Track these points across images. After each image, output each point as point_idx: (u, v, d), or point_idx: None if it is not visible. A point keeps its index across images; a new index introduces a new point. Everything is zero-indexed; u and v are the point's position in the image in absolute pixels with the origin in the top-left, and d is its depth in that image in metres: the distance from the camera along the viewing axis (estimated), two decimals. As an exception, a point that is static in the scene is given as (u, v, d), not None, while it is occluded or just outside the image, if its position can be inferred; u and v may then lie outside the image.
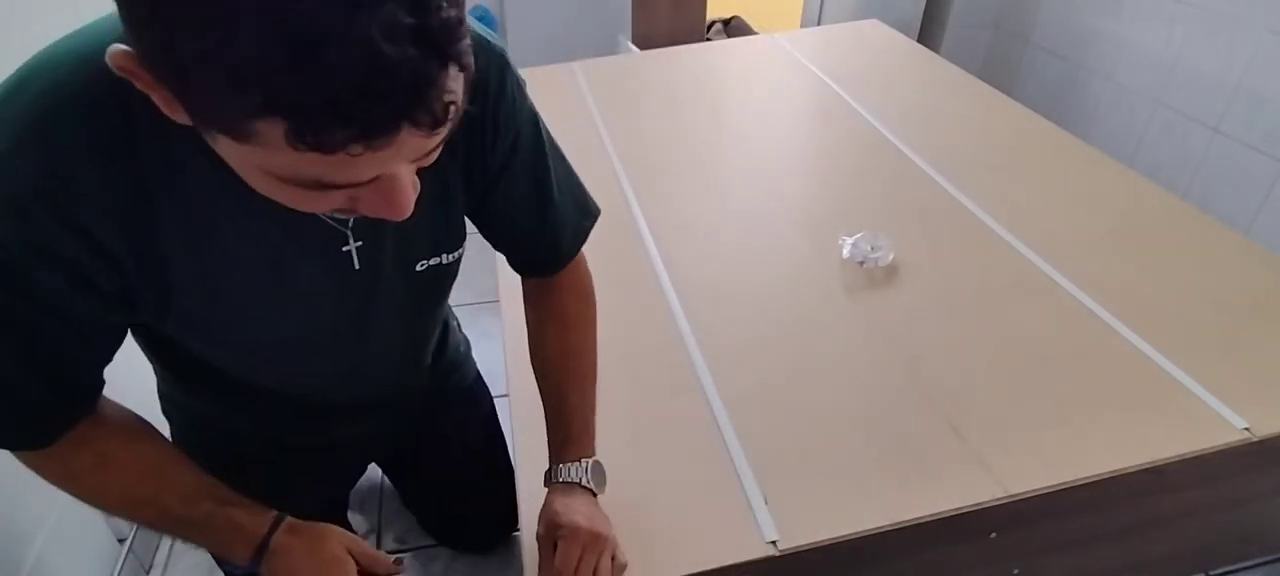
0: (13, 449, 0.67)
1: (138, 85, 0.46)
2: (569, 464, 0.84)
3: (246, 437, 0.94)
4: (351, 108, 0.41)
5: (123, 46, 0.45)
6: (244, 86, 0.40)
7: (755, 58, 2.16)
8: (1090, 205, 1.40)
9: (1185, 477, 0.95)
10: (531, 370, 0.92)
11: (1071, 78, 2.56)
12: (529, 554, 0.83)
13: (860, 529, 0.85)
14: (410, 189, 0.52)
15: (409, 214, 0.53)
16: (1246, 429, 0.94)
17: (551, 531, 0.78)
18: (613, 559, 0.78)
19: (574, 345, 0.90)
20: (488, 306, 1.96)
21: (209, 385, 0.81)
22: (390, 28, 0.40)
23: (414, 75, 0.42)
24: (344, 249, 0.72)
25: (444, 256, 0.81)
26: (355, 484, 1.32)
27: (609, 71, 2.06)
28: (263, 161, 0.46)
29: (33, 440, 0.67)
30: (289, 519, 0.75)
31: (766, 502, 0.88)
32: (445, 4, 0.43)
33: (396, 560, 0.80)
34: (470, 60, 0.47)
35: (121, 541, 1.39)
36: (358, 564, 0.76)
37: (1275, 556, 1.28)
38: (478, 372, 1.28)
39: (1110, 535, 1.00)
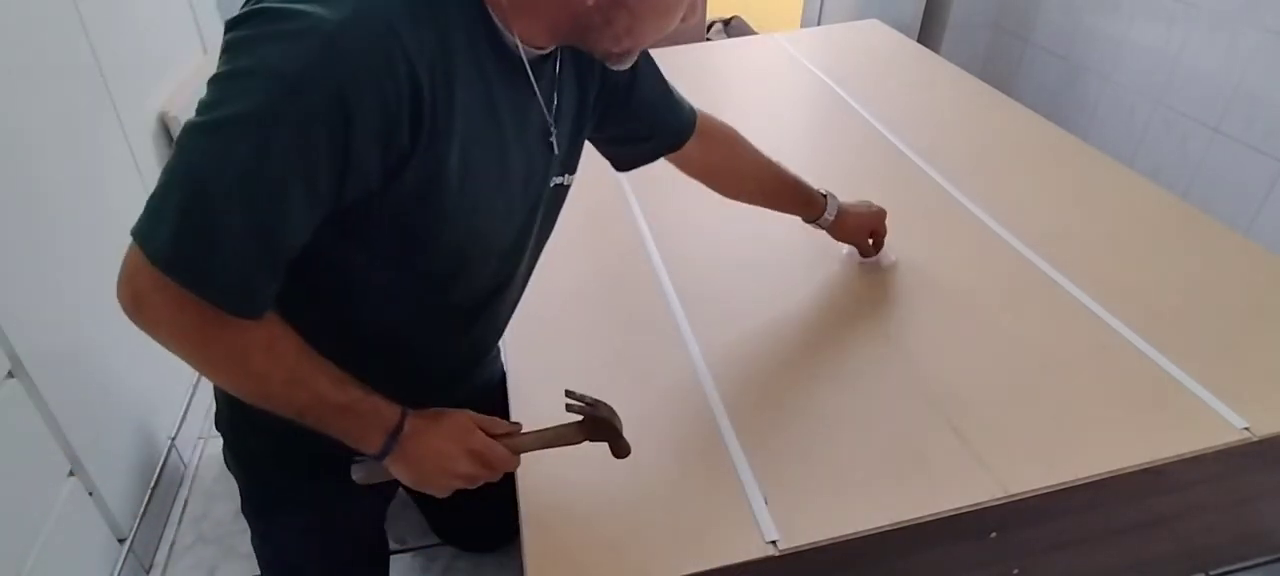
0: (234, 309, 0.65)
1: None
2: (829, 200, 1.17)
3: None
4: None
5: None
6: None
7: (755, 58, 2.16)
8: (1090, 205, 1.40)
9: (1185, 477, 0.95)
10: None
11: (1071, 78, 2.56)
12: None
13: (860, 529, 0.85)
14: None
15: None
16: (1246, 429, 0.94)
17: (868, 228, 1.22)
18: None
19: (745, 148, 1.14)
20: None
21: (336, 328, 0.79)
22: None
23: None
24: (548, 138, 0.81)
25: (567, 177, 0.90)
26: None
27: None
28: None
29: (253, 305, 0.67)
30: (412, 411, 0.79)
31: (766, 502, 0.88)
32: None
33: (514, 423, 0.84)
34: None
35: (121, 541, 1.39)
36: (482, 429, 0.80)
37: (1275, 556, 1.28)
38: (502, 374, 1.28)
39: (1110, 535, 1.00)
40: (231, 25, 0.62)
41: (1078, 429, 0.96)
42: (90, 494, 1.32)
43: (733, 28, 3.03)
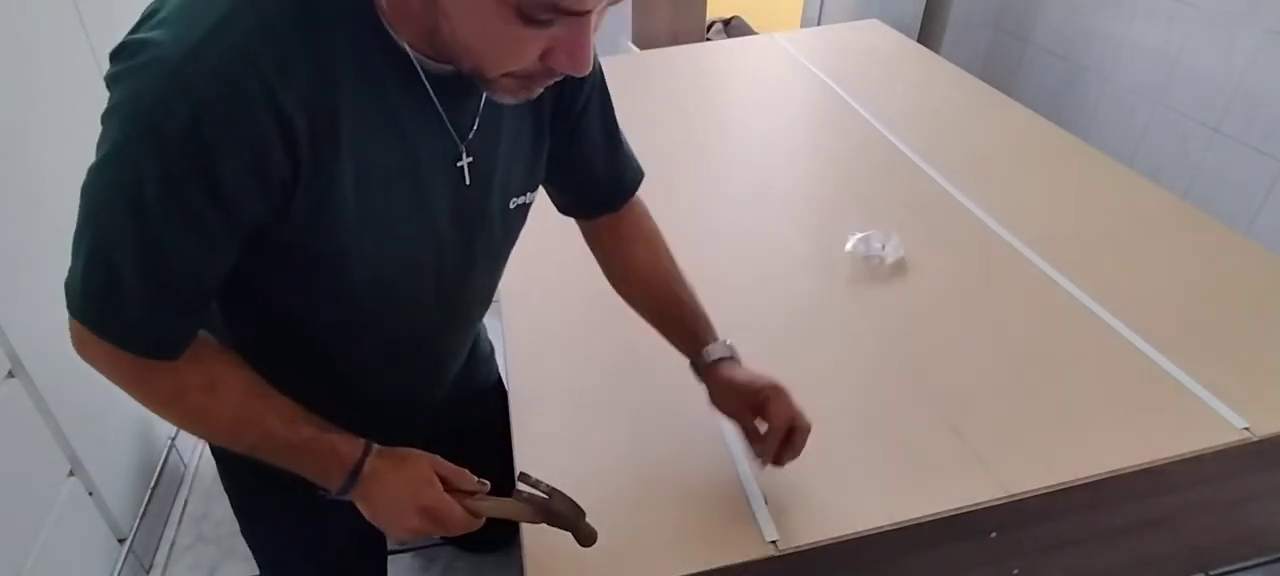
0: (143, 353, 0.65)
1: None
2: (712, 343, 0.90)
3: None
4: None
5: None
6: None
7: (755, 58, 2.16)
8: (1090, 205, 1.40)
9: (1185, 477, 0.95)
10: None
11: (1071, 78, 2.56)
12: (532, 544, 0.83)
13: (860, 529, 0.85)
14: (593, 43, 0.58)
15: (589, 70, 0.59)
16: (1246, 429, 0.94)
17: (748, 397, 0.85)
18: None
19: (662, 252, 0.97)
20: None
21: (280, 347, 0.78)
22: None
23: None
24: (458, 164, 0.73)
25: (528, 195, 0.84)
26: None
27: (609, 71, 2.04)
28: None
29: (164, 348, 0.66)
30: (376, 445, 0.76)
31: (766, 502, 0.88)
32: None
33: (480, 482, 0.80)
34: None
35: (121, 541, 1.39)
36: (445, 482, 0.77)
37: (1275, 556, 1.28)
38: (500, 377, 1.27)
39: (1110, 535, 1.00)
40: (111, 61, 0.60)
41: (1078, 429, 0.96)
42: (90, 494, 1.32)
43: (733, 28, 3.03)
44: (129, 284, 0.62)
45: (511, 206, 0.82)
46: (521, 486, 0.78)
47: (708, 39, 2.80)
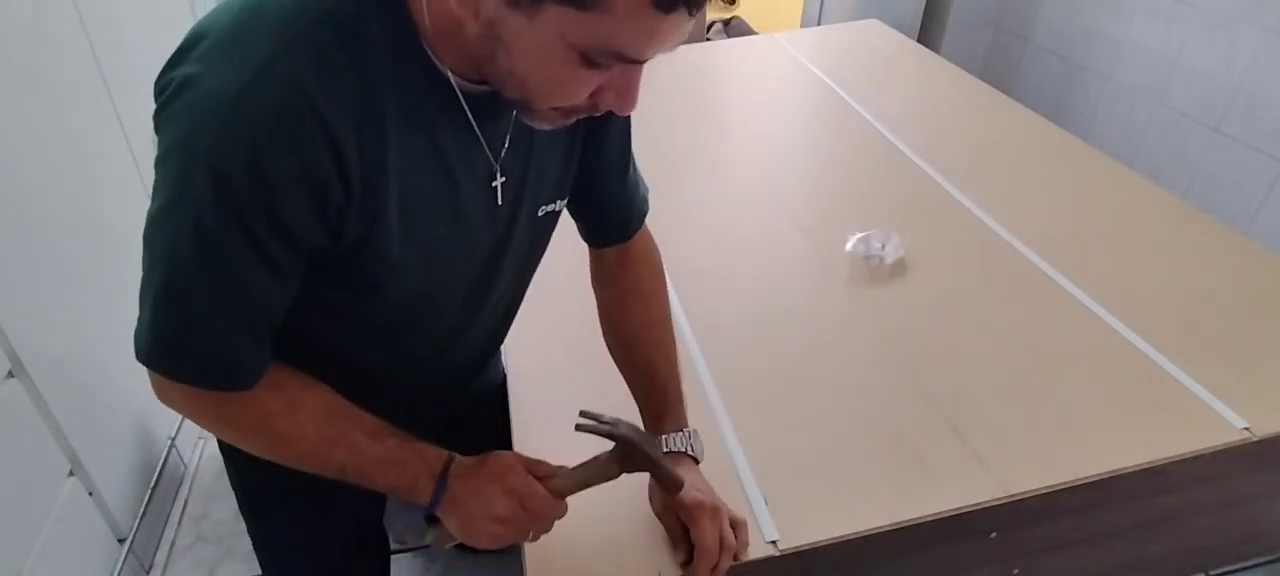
0: (221, 388, 0.66)
1: None
2: (672, 434, 0.85)
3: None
4: None
5: None
6: None
7: (755, 58, 2.16)
8: (1090, 205, 1.40)
9: (1185, 477, 0.95)
10: (605, 345, 0.93)
11: (1071, 78, 2.56)
12: (530, 563, 0.83)
13: (860, 529, 0.85)
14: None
15: (634, 109, 0.62)
16: (1246, 429, 0.94)
17: (679, 507, 0.81)
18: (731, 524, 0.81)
19: (656, 317, 0.92)
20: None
21: (304, 356, 0.77)
22: None
23: None
24: (492, 184, 0.74)
25: (557, 203, 0.84)
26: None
27: (609, 71, 2.05)
28: (578, 29, 0.53)
29: (241, 379, 0.67)
30: (457, 455, 0.76)
31: (766, 502, 0.88)
32: None
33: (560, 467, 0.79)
34: None
35: (121, 541, 1.39)
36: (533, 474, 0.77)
37: (1275, 556, 1.28)
38: (504, 377, 1.28)
39: (1110, 535, 1.00)
40: (156, 99, 0.60)
41: (1078, 429, 0.96)
42: (90, 494, 1.32)
43: (733, 28, 3.04)
44: (202, 323, 0.62)
45: (539, 214, 0.83)
46: (582, 420, 0.76)
47: (708, 39, 2.80)
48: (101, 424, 1.38)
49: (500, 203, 0.76)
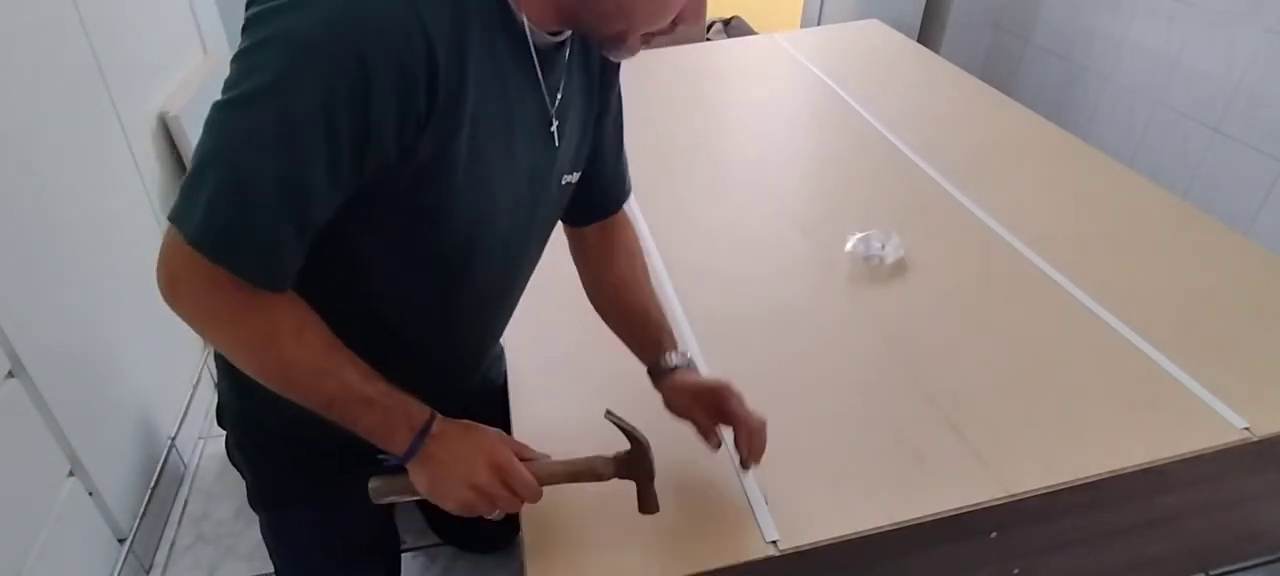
0: (258, 281, 0.66)
1: None
2: (671, 352, 0.94)
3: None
4: None
5: None
6: None
7: (755, 58, 2.16)
8: (1090, 205, 1.40)
9: (1185, 477, 0.95)
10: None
11: (1071, 78, 2.56)
12: (528, 537, 0.83)
13: (860, 529, 0.85)
14: None
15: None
16: (1246, 429, 0.94)
17: (702, 396, 0.88)
18: None
19: (641, 267, 1.01)
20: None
21: (343, 319, 0.78)
22: None
23: None
24: (549, 128, 0.79)
25: (575, 175, 0.89)
26: None
27: (609, 71, 2.05)
28: None
29: (277, 278, 0.67)
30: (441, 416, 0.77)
31: (767, 502, 0.88)
32: None
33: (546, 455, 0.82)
34: None
35: (121, 541, 1.39)
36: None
37: (1275, 556, 1.28)
38: (506, 377, 1.28)
39: (1110, 535, 1.00)
40: (251, 1, 0.62)
41: (1078, 429, 0.96)
42: (90, 494, 1.32)
43: (733, 28, 3.03)
44: (265, 212, 0.63)
45: (563, 182, 0.86)
46: (611, 418, 0.80)
47: (708, 39, 2.80)
48: (101, 424, 1.38)
49: (557, 144, 0.81)
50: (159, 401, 1.61)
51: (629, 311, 0.98)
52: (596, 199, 0.98)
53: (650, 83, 2.00)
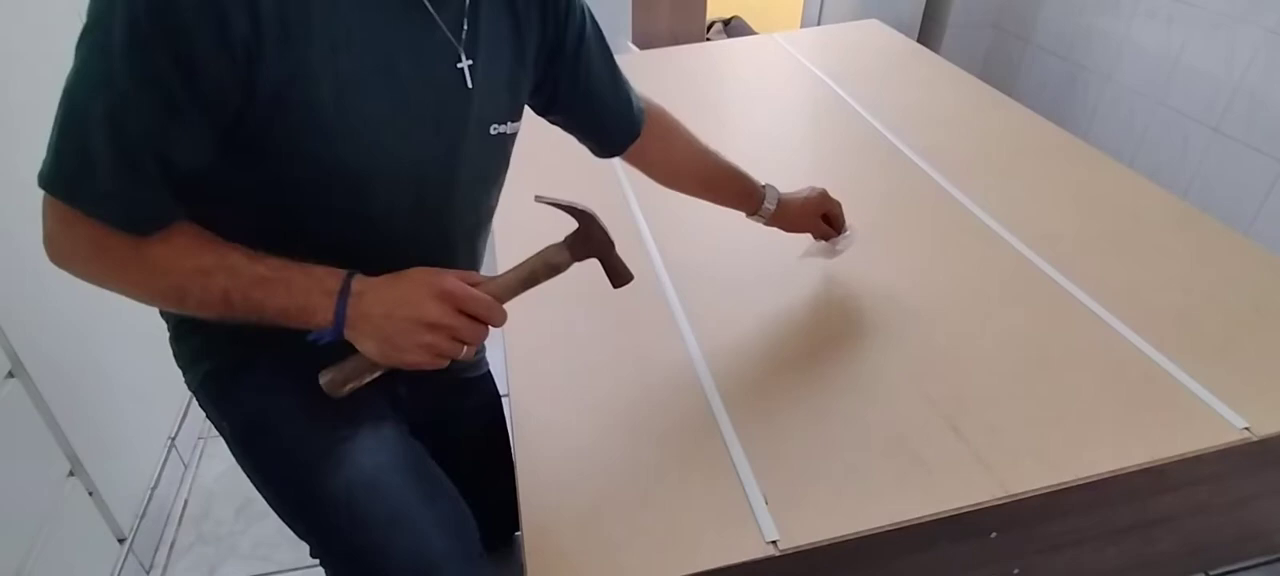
0: (117, 224, 0.66)
1: None
2: (767, 189, 1.13)
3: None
4: None
5: None
6: None
7: (755, 58, 2.16)
8: (1090, 205, 1.40)
9: (1185, 477, 0.95)
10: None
11: (1071, 78, 2.56)
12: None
13: (860, 529, 0.85)
14: None
15: None
16: (1246, 429, 0.94)
17: (806, 212, 1.15)
18: None
19: (695, 140, 1.11)
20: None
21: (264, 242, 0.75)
22: None
23: None
24: (458, 66, 0.75)
25: (509, 124, 0.87)
26: None
27: (609, 71, 2.05)
28: None
29: (137, 222, 0.67)
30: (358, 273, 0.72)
31: (766, 502, 0.88)
32: None
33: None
34: None
35: (121, 541, 1.39)
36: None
37: (1275, 556, 1.28)
38: (489, 369, 1.28)
39: (1110, 535, 1.00)
40: None
41: (1078, 429, 0.96)
42: (90, 494, 1.32)
43: (733, 28, 3.03)
44: (107, 153, 0.63)
45: (493, 132, 0.82)
46: (540, 198, 0.75)
47: (708, 39, 2.80)
48: (101, 424, 1.38)
49: (470, 86, 0.77)
50: (159, 401, 1.61)
51: (712, 180, 1.11)
52: (613, 133, 1.03)
53: (650, 83, 2.00)
